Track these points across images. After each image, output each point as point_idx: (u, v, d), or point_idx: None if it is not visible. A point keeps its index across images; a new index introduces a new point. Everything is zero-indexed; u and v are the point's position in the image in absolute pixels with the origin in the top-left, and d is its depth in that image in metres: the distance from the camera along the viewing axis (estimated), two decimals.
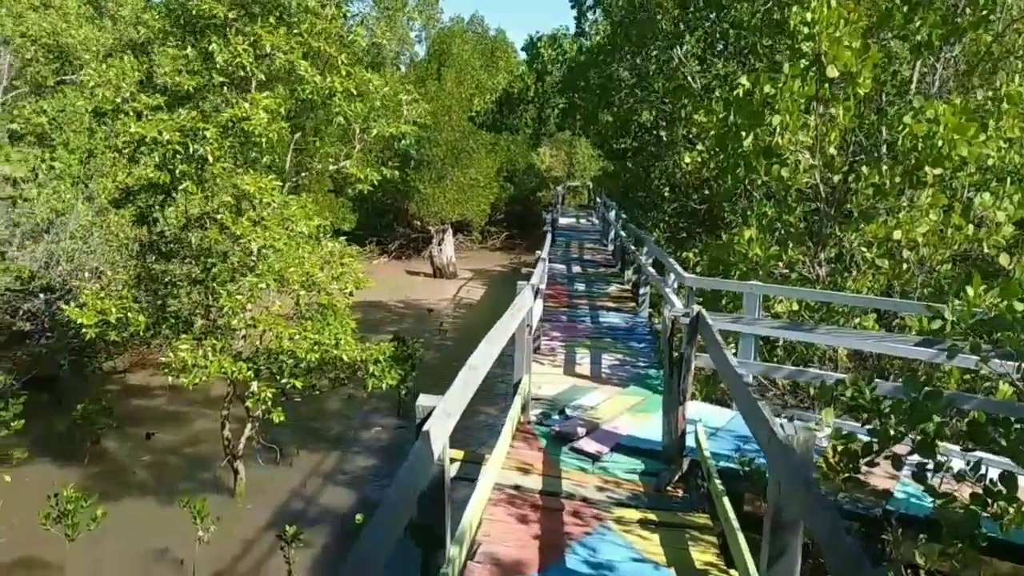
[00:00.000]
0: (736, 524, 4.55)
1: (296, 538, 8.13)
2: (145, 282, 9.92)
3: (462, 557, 4.09)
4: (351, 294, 9.23)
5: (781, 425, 3.75)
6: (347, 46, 10.60)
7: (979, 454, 4.53)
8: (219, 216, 8.62)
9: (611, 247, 20.04)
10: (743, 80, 7.69)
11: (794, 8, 7.37)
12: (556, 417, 7.05)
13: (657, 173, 16.74)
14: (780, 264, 7.98)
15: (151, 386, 14.30)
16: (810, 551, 3.68)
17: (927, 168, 6.65)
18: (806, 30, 7.44)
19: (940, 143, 6.50)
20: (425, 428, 3.36)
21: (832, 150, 7.59)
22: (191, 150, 8.82)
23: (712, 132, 8.42)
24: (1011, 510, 3.95)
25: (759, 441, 3.98)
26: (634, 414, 7.19)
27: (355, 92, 9.82)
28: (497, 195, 32.25)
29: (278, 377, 9.07)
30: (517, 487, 5.46)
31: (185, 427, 12.57)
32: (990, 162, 6.76)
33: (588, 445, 6.36)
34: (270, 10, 9.63)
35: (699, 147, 9.34)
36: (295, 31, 9.58)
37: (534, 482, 5.59)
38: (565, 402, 7.44)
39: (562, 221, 27.31)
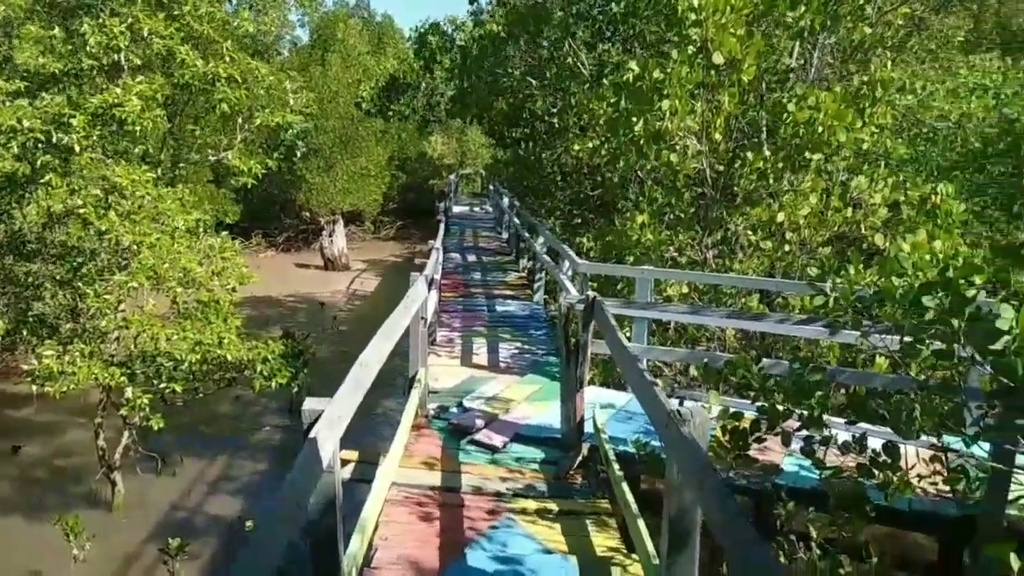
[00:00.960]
0: (635, 509, 4.55)
1: (181, 550, 7.67)
2: (4, 284, 9.08)
3: (358, 565, 3.90)
4: (234, 290, 8.75)
5: (678, 409, 3.76)
6: (231, 32, 10.04)
7: (864, 426, 4.69)
8: (82, 211, 7.96)
9: (506, 235, 20.04)
10: (632, 65, 7.74)
11: None
12: (454, 410, 6.91)
13: (550, 160, 16.81)
14: (671, 248, 8.12)
15: (18, 395, 13.18)
16: (709, 533, 3.70)
17: (807, 154, 6.89)
18: (693, 16, 7.55)
19: (820, 129, 6.75)
20: (312, 434, 3.14)
21: (718, 136, 7.77)
22: (55, 139, 8.12)
23: (603, 118, 8.45)
24: (895, 478, 4.11)
25: (656, 425, 3.98)
26: (533, 402, 7.14)
27: (239, 79, 9.31)
28: (389, 184, 31.65)
29: (155, 381, 8.51)
30: (416, 485, 5.30)
31: (56, 439, 11.67)
32: (864, 147, 7.08)
33: (487, 437, 6.26)
34: None
35: (590, 133, 9.38)
36: (176, 13, 8.98)
37: (433, 478, 5.44)
38: (463, 394, 7.31)
39: (456, 209, 27.11)
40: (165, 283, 7.96)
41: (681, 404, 3.72)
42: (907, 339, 4.09)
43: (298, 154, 12.25)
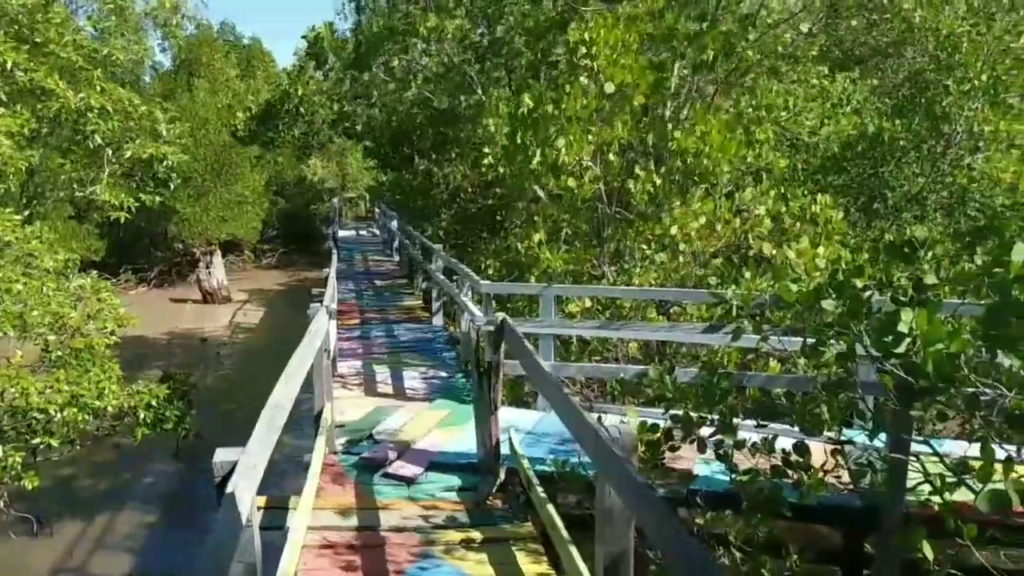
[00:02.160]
0: (563, 529, 4.51)
1: None
2: None
3: None
4: (112, 333, 8.13)
5: (606, 427, 3.75)
6: (100, 60, 9.41)
7: (775, 427, 4.83)
8: None
9: (397, 257, 19.76)
10: (527, 99, 7.83)
11: (572, 26, 7.63)
12: (364, 443, 6.67)
13: (438, 179, 16.70)
14: (571, 265, 8.21)
15: None
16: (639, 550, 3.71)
17: (695, 179, 7.18)
18: (584, 49, 7.74)
19: (706, 162, 7.07)
20: (229, 488, 2.91)
21: (612, 157, 7.94)
22: None
23: (499, 146, 8.51)
24: (806, 477, 4.26)
25: (584, 444, 3.95)
26: (444, 428, 7.00)
27: (110, 109, 8.72)
28: (268, 210, 30.57)
29: (28, 437, 7.77)
30: (332, 528, 5.05)
31: None
32: (749, 159, 7.43)
33: (402, 469, 6.06)
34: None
35: (486, 149, 9.39)
36: (38, 41, 8.33)
37: (350, 519, 5.20)
38: (371, 426, 7.07)
39: (342, 234, 26.54)
40: (34, 330, 7.29)
41: (599, 420, 3.72)
42: (810, 341, 4.27)
43: (171, 187, 11.63)
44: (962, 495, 4.01)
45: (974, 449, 4.18)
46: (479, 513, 5.38)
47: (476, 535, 4.99)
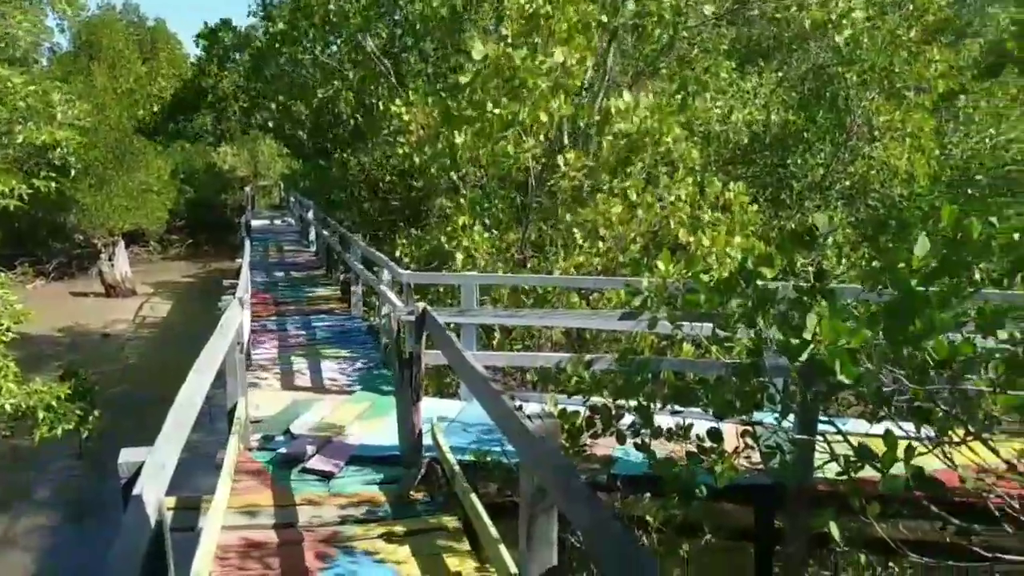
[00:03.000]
0: (487, 520, 4.50)
1: None
2: None
3: None
4: (9, 330, 7.64)
5: (528, 416, 3.75)
6: None
7: (691, 411, 4.95)
8: None
9: (314, 247, 19.32)
10: (463, 78, 7.69)
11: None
12: (281, 438, 6.49)
13: (355, 169, 16.39)
14: (494, 251, 8.19)
15: None
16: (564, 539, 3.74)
17: (631, 157, 7.24)
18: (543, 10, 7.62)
19: (647, 139, 7.13)
20: (136, 490, 2.77)
21: (542, 136, 7.90)
22: None
23: (423, 126, 8.36)
24: (720, 460, 4.39)
25: (507, 432, 3.95)
26: (365, 421, 6.88)
27: None
28: (175, 200, 29.36)
29: None
30: (248, 527, 4.89)
31: None
32: (666, 149, 7.57)
33: (320, 464, 5.93)
34: None
35: (400, 140, 9.24)
36: None
37: (266, 518, 5.05)
38: (289, 420, 6.88)
39: (255, 223, 25.73)
40: None
41: (520, 408, 3.73)
42: (721, 333, 4.40)
43: (71, 173, 10.94)
44: (866, 471, 4.20)
45: (877, 428, 4.40)
46: (402, 506, 5.32)
47: (399, 528, 4.93)
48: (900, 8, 11.30)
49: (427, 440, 5.84)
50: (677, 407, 4.81)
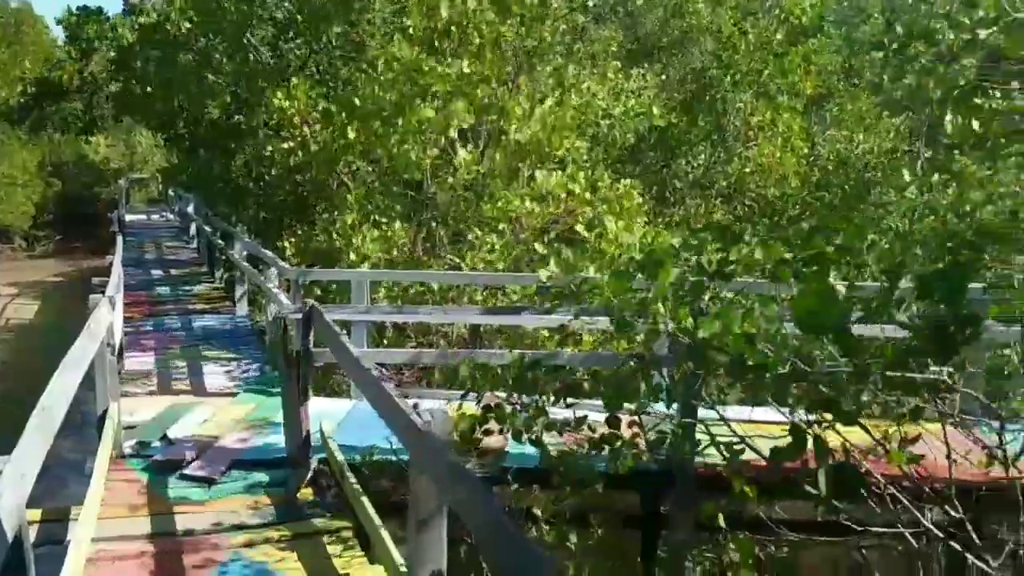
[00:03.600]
0: (376, 519, 4.44)
1: None
2: None
3: None
4: None
5: (419, 412, 3.71)
6: None
7: (586, 403, 5.03)
8: None
9: (195, 244, 18.49)
10: (364, 88, 7.60)
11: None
12: (157, 445, 6.17)
13: (239, 162, 15.78)
14: (387, 248, 8.09)
15: None
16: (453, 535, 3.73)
17: (531, 160, 7.33)
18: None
19: (547, 146, 7.22)
20: None
21: (452, 134, 7.88)
22: None
23: (308, 120, 8.16)
24: (619, 449, 4.50)
25: (395, 429, 3.90)
26: (250, 423, 6.65)
27: None
28: (42, 194, 27.42)
29: None
30: (121, 538, 4.62)
31: None
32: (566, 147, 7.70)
33: (200, 469, 5.68)
34: None
35: (284, 133, 8.97)
36: None
37: (141, 527, 4.79)
38: (165, 425, 6.55)
39: (131, 218, 24.41)
40: None
41: (416, 407, 3.69)
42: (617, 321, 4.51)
43: None
44: (746, 455, 4.40)
45: (756, 413, 4.62)
46: (289, 509, 5.17)
47: (285, 532, 4.79)
48: (768, 12, 11.93)
49: (316, 441, 5.70)
50: (571, 400, 4.91)
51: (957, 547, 4.10)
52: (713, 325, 3.68)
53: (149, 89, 16.73)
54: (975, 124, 3.68)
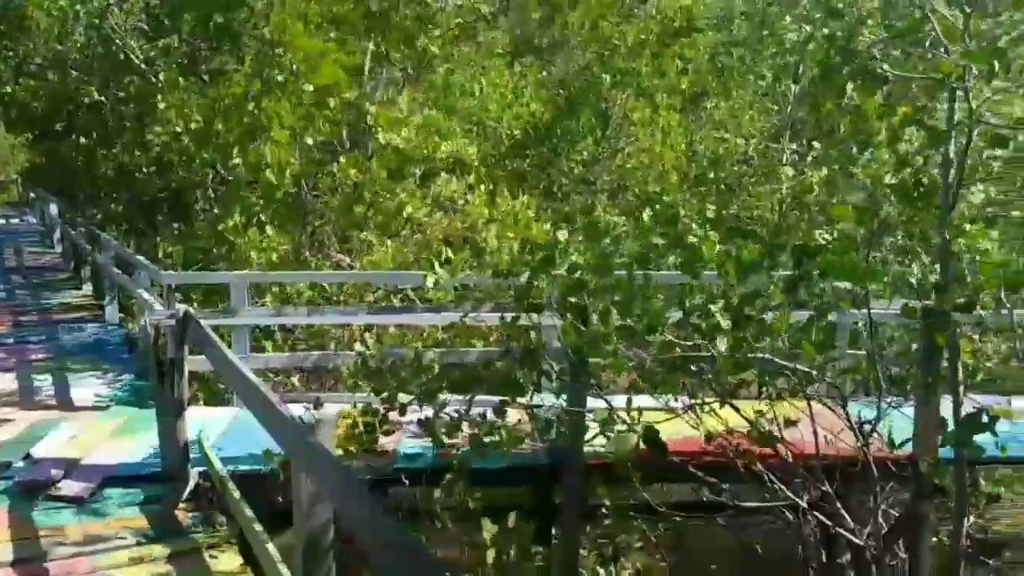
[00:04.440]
0: (260, 531, 4.29)
1: None
2: None
3: None
4: None
5: (300, 416, 3.61)
6: None
7: (483, 398, 5.04)
8: None
9: (60, 248, 17.31)
10: (236, 89, 7.30)
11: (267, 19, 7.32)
12: (19, 465, 5.72)
13: (108, 160, 14.86)
14: (271, 249, 7.85)
15: None
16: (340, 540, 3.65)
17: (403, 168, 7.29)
18: (281, 49, 7.43)
19: (419, 154, 7.18)
20: None
21: (310, 140, 7.72)
22: None
23: (171, 121, 7.81)
24: (506, 438, 4.54)
25: (276, 435, 3.79)
26: (122, 437, 6.27)
27: None
28: None
29: None
30: None
31: None
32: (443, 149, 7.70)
33: (69, 488, 5.30)
34: None
35: (158, 129, 8.52)
36: None
37: (1, 555, 4.43)
38: (28, 445, 6.08)
39: None
40: None
41: (308, 411, 3.58)
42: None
43: None
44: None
45: (642, 401, 4.76)
46: (167, 526, 4.91)
47: (163, 549, 4.55)
48: (645, 13, 12.32)
49: (197, 453, 5.45)
50: (465, 394, 4.91)
51: (825, 520, 4.38)
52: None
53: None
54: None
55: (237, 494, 4.73)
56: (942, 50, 3.62)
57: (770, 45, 11.94)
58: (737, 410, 4.35)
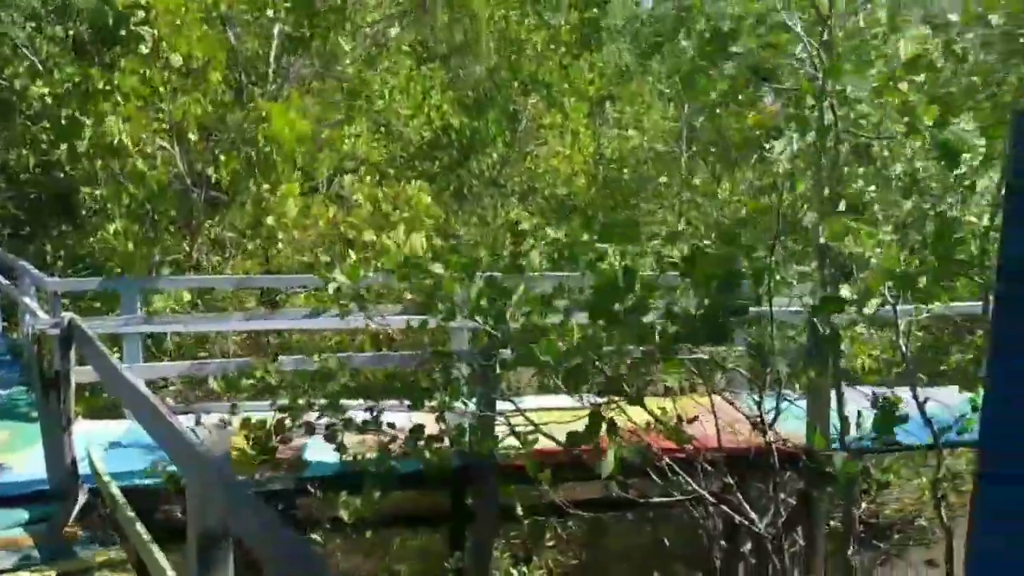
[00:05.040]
0: (155, 548, 4.09)
1: None
2: None
3: None
4: None
5: (192, 427, 3.46)
6: None
7: (389, 403, 4.96)
8: None
9: None
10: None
11: None
12: None
13: None
14: (156, 254, 7.51)
15: None
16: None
17: (280, 165, 7.09)
18: (142, 13, 7.01)
19: (290, 147, 6.99)
20: None
21: (193, 136, 7.41)
22: None
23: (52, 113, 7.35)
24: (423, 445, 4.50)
25: (167, 448, 3.61)
26: (5, 454, 5.90)
27: None
28: None
29: None
30: None
31: None
32: (344, 148, 7.54)
33: None
34: None
35: (43, 124, 8.02)
36: None
37: None
38: None
39: None
40: None
41: (198, 423, 3.43)
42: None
43: None
44: (541, 443, 4.54)
45: (551, 401, 4.80)
46: (55, 546, 4.63)
47: (50, 572, 4.28)
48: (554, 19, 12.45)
49: (84, 468, 5.16)
50: (371, 400, 4.82)
51: (728, 511, 4.51)
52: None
53: None
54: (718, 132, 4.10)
55: (130, 510, 4.50)
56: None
57: (669, 53, 12.33)
58: (644, 407, 4.44)
